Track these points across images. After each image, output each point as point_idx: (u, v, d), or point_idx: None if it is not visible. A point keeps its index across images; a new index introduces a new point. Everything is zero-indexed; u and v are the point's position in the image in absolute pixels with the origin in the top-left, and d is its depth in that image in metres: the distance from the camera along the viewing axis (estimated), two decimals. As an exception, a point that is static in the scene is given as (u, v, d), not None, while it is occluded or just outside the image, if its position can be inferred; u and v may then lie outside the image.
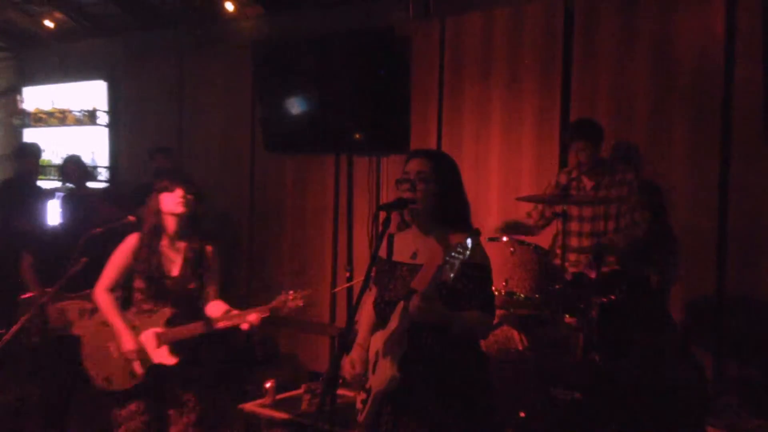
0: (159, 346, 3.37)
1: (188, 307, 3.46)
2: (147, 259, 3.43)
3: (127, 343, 3.37)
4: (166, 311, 3.41)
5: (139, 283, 3.47)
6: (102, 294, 3.50)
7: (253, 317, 3.35)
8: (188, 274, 3.46)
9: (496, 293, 3.92)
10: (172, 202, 3.42)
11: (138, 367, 3.38)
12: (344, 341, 2.68)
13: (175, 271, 3.46)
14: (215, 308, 3.48)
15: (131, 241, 3.50)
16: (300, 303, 3.35)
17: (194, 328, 3.38)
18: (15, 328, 3.37)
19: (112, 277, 3.50)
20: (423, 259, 2.62)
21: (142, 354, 3.37)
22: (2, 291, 5.81)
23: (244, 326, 3.37)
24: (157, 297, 3.43)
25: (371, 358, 2.69)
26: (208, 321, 3.41)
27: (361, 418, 2.66)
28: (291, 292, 3.37)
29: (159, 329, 3.38)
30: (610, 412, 3.89)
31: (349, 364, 2.79)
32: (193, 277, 3.46)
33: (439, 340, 2.57)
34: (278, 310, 3.36)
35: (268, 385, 4.40)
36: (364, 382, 2.71)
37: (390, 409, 2.62)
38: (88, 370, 3.51)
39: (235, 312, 3.41)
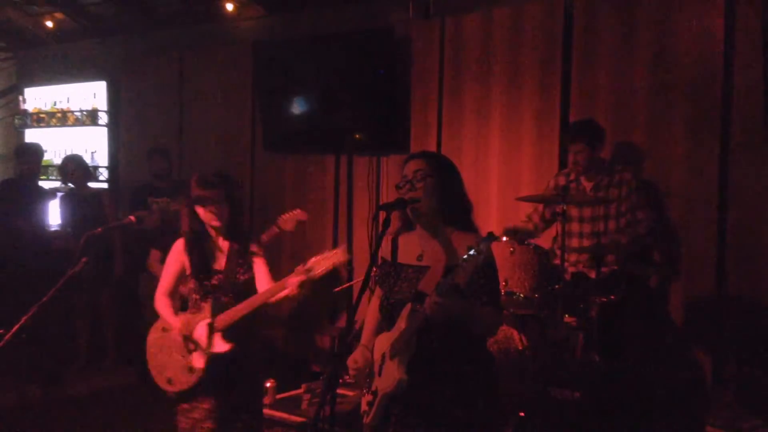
0: (212, 335, 3.37)
1: (244, 299, 3.41)
2: (193, 260, 3.49)
3: (174, 323, 3.44)
4: (212, 301, 3.41)
5: (191, 284, 3.51)
6: (160, 299, 3.56)
7: (293, 280, 3.27)
8: (234, 266, 3.46)
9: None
10: (207, 216, 3.46)
11: (196, 361, 3.38)
12: (344, 341, 2.68)
13: (220, 265, 3.48)
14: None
15: (179, 245, 3.55)
16: (330, 262, 3.25)
17: (239, 310, 3.35)
18: (15, 327, 3.37)
19: (166, 283, 3.57)
20: (429, 261, 2.62)
21: (194, 341, 3.40)
22: (3, 290, 5.83)
23: (285, 292, 3.30)
24: (210, 294, 3.45)
25: (376, 359, 2.69)
26: (251, 299, 3.37)
27: (367, 419, 2.66)
28: (319, 255, 3.29)
29: (208, 319, 3.38)
30: (610, 412, 3.89)
31: (352, 362, 2.79)
32: (241, 269, 3.47)
33: (447, 342, 2.57)
34: (311, 271, 3.24)
35: (268, 385, 4.39)
36: (369, 383, 2.71)
37: (398, 411, 2.62)
38: (153, 376, 3.54)
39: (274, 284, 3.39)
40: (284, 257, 6.39)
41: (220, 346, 3.37)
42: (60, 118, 7.82)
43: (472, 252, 2.35)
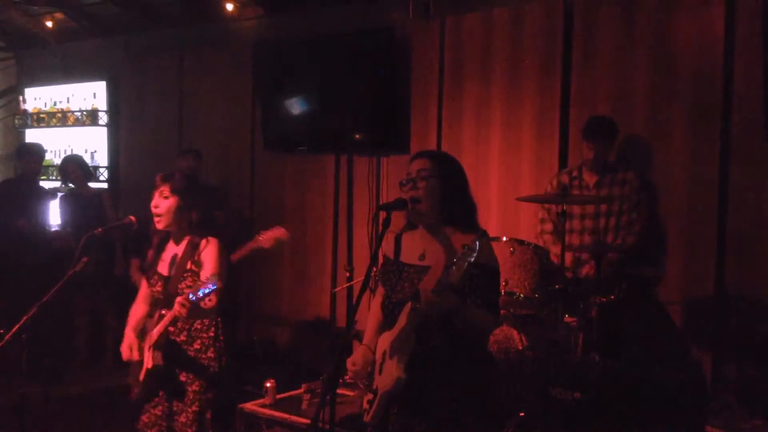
0: (149, 348, 3.30)
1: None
2: (149, 262, 3.44)
3: (126, 334, 3.39)
4: (161, 313, 3.30)
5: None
6: (136, 302, 3.53)
7: (174, 310, 3.10)
8: (178, 274, 3.31)
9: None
10: (154, 212, 3.34)
11: (142, 372, 3.35)
12: (344, 341, 2.68)
13: (169, 270, 3.36)
14: None
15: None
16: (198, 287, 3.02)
17: (165, 321, 3.23)
18: (15, 327, 3.38)
19: (142, 286, 3.52)
20: (431, 261, 2.62)
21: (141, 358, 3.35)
22: (3, 290, 5.84)
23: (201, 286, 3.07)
24: (162, 299, 3.34)
25: (378, 358, 2.69)
26: (162, 322, 3.25)
27: (367, 418, 2.66)
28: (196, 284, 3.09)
29: (153, 331, 3.31)
30: (610, 412, 3.89)
31: (351, 363, 2.79)
32: (184, 277, 3.30)
33: (447, 341, 2.58)
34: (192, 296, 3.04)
35: (268, 385, 4.39)
36: (369, 382, 2.71)
37: (397, 410, 2.63)
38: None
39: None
40: (284, 257, 6.40)
41: (149, 360, 3.30)
42: (60, 118, 7.82)
43: (465, 251, 2.36)
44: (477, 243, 2.38)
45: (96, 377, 5.92)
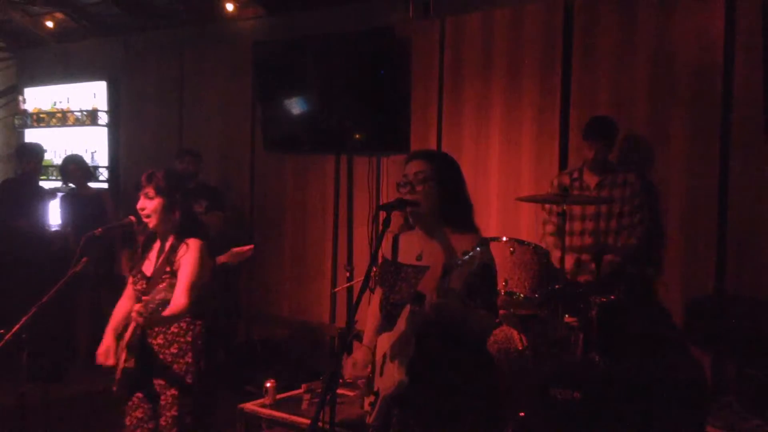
0: (124, 348, 3.29)
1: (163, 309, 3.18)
2: (134, 262, 3.42)
3: (106, 333, 3.37)
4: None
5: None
6: (123, 295, 3.50)
7: (134, 310, 3.03)
8: (157, 276, 3.29)
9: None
10: (141, 213, 3.33)
11: (118, 372, 3.33)
12: (344, 341, 2.68)
13: (150, 270, 3.34)
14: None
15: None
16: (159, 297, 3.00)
17: (132, 325, 3.21)
18: (15, 327, 3.38)
19: (128, 285, 3.49)
20: (428, 261, 2.63)
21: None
22: (3, 290, 5.83)
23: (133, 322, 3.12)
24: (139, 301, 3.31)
25: (378, 360, 2.69)
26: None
27: (370, 420, 2.67)
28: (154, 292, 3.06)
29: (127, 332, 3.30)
30: (610, 412, 3.89)
31: (351, 365, 2.79)
32: (162, 279, 3.26)
33: (447, 344, 2.58)
34: (148, 304, 3.00)
35: (268, 385, 4.39)
36: (369, 384, 2.71)
37: (398, 412, 2.63)
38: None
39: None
40: (284, 257, 6.40)
41: (122, 361, 3.27)
42: (60, 118, 7.82)
43: (466, 256, 2.37)
44: (478, 250, 2.38)
45: (96, 377, 5.91)
